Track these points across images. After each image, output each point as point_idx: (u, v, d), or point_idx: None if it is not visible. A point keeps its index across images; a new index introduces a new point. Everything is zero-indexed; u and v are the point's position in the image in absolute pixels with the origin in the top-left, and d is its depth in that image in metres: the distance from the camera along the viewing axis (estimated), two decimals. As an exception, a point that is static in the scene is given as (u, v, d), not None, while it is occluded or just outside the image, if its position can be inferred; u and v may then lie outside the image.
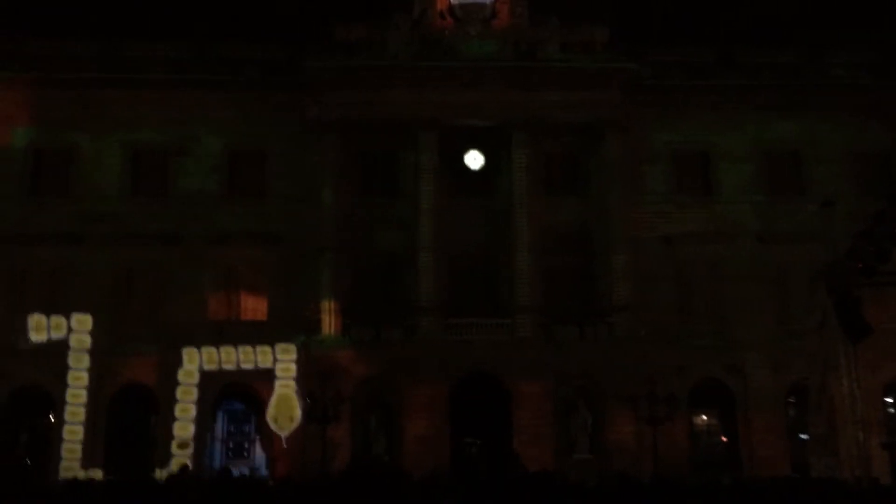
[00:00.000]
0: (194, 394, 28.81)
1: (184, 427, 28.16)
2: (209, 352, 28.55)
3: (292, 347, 28.29)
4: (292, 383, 27.95)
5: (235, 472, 25.81)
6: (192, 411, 28.56)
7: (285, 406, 28.09)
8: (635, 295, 29.90)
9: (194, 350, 28.54)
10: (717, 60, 32.89)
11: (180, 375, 28.52)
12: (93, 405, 28.71)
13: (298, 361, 28.26)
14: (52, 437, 28.86)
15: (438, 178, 30.90)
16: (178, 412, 28.28)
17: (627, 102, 31.13)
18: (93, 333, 28.39)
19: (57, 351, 28.63)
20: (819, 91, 32.38)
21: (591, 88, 30.82)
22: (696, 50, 33.10)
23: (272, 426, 27.97)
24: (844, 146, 32.36)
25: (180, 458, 26.82)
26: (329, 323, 29.32)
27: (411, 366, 28.64)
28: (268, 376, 28.72)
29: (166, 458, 27.35)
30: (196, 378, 28.58)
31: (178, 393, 28.51)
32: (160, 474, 23.42)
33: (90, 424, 28.43)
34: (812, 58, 32.97)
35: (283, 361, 28.32)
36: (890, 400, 30.79)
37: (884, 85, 32.16)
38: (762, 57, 33.06)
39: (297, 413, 27.53)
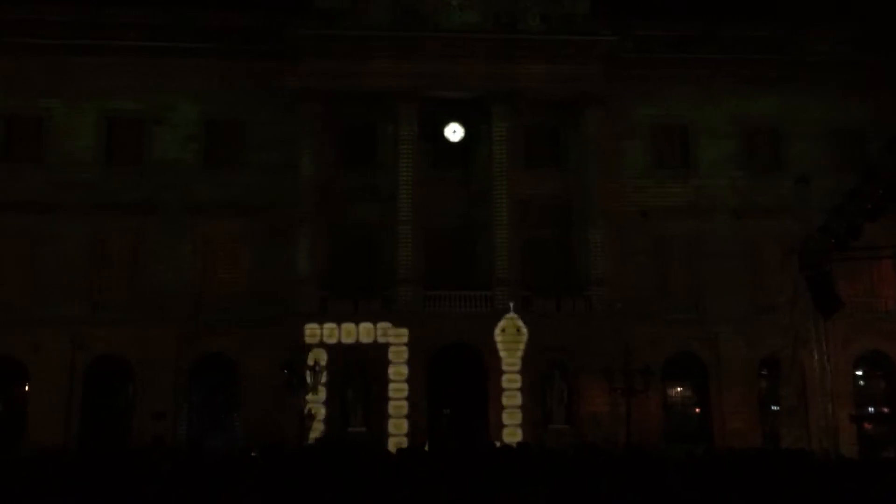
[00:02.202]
0: (171, 364, 28.74)
1: (160, 397, 28.07)
2: (185, 322, 28.45)
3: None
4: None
5: (213, 443, 25.93)
6: (169, 381, 28.52)
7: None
8: (613, 269, 30.06)
9: (170, 320, 28.42)
10: (698, 34, 32.77)
11: (156, 345, 28.40)
12: (68, 375, 28.61)
13: (277, 333, 28.22)
14: (26, 407, 28.76)
15: (418, 150, 30.73)
16: (154, 382, 28.20)
17: (608, 76, 31.01)
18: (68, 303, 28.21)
19: (32, 321, 28.52)
20: (799, 66, 32.44)
21: (571, 61, 30.67)
22: (677, 24, 32.94)
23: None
24: (823, 122, 32.50)
25: (156, 428, 26.79)
26: (307, 294, 29.23)
27: (389, 338, 28.66)
28: (248, 347, 28.78)
29: (142, 428, 27.31)
30: (172, 348, 28.45)
31: (156, 363, 28.40)
32: (136, 445, 23.39)
33: (65, 395, 28.35)
34: (794, 33, 32.94)
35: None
36: (860, 373, 31.33)
37: (863, 60, 32.24)
38: (744, 31, 32.99)
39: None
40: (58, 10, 31.19)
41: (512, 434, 27.30)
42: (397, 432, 27.73)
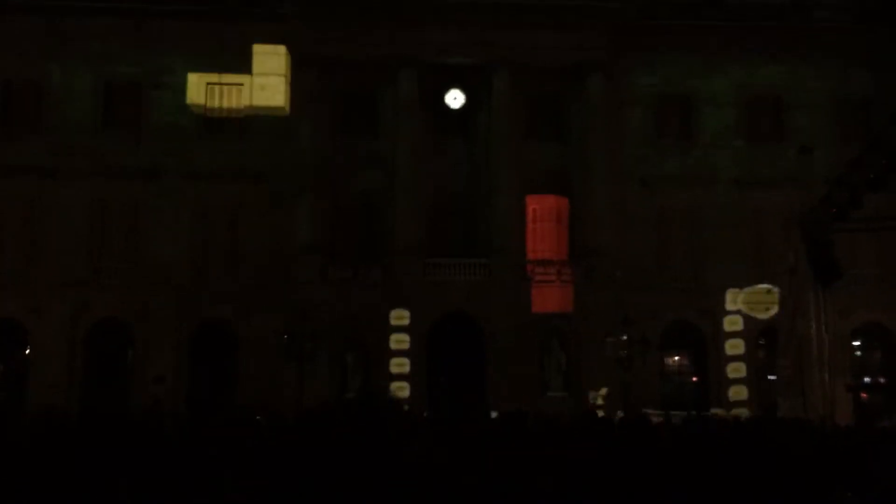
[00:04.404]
0: (172, 329, 28.85)
1: (160, 362, 28.23)
2: (186, 288, 28.52)
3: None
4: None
5: (212, 407, 26.08)
6: (170, 346, 28.65)
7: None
8: (613, 237, 30.06)
9: (170, 286, 28.49)
10: (703, 2, 32.43)
11: (156, 310, 28.49)
12: (69, 339, 28.75)
13: (276, 299, 28.29)
14: (28, 370, 28.94)
15: (419, 118, 30.56)
16: (155, 347, 28.33)
17: (611, 44, 30.74)
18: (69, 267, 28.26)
19: (32, 285, 28.60)
20: (803, 35, 32.12)
21: (574, 29, 30.35)
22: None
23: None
24: (826, 92, 32.29)
25: (156, 392, 26.94)
26: (306, 261, 29.24)
27: (389, 305, 28.73)
28: (248, 313, 28.90)
29: (143, 392, 27.49)
30: (172, 313, 28.54)
31: (156, 328, 28.51)
32: (136, 408, 23.55)
33: (66, 358, 28.51)
34: (798, 1, 32.59)
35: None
36: (857, 343, 31.47)
37: (868, 30, 31.93)
38: (748, -1, 32.64)
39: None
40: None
41: (509, 402, 27.48)
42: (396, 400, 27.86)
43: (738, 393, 29.20)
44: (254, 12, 30.93)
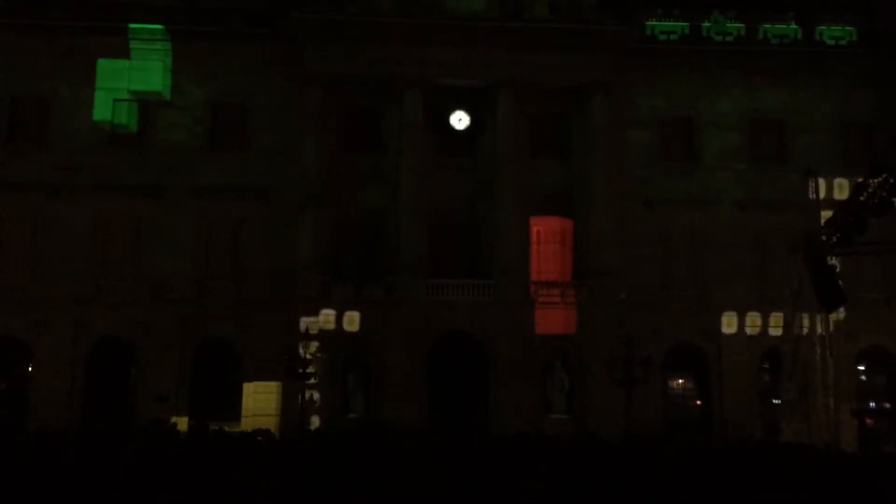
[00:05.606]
0: (174, 346, 28.82)
1: (163, 380, 28.16)
2: (188, 305, 28.55)
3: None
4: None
5: (215, 426, 25.92)
6: (172, 364, 28.61)
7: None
8: (616, 258, 30.02)
9: (173, 303, 28.51)
10: (706, 26, 32.61)
11: (159, 328, 28.48)
12: (71, 357, 28.71)
13: (279, 317, 28.27)
14: (30, 387, 28.90)
15: (423, 136, 30.67)
16: (157, 365, 28.29)
17: (615, 66, 30.88)
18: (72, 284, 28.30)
19: (35, 301, 28.61)
20: (807, 59, 32.28)
21: (578, 50, 30.53)
22: (685, 15, 32.75)
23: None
24: (830, 116, 32.37)
25: (158, 411, 26.83)
26: (309, 279, 29.24)
27: (391, 325, 28.68)
28: (251, 330, 28.85)
29: (145, 411, 27.37)
30: (175, 331, 28.53)
31: (159, 345, 28.48)
32: (137, 427, 23.45)
33: (68, 376, 28.46)
34: (801, 25, 32.79)
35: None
36: (862, 368, 31.31)
37: (870, 53, 32.08)
38: (752, 23, 32.82)
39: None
40: (64, -9, 31.08)
41: (511, 423, 27.35)
42: (397, 420, 27.74)
43: (742, 416, 29.06)
44: (260, 32, 31.17)
